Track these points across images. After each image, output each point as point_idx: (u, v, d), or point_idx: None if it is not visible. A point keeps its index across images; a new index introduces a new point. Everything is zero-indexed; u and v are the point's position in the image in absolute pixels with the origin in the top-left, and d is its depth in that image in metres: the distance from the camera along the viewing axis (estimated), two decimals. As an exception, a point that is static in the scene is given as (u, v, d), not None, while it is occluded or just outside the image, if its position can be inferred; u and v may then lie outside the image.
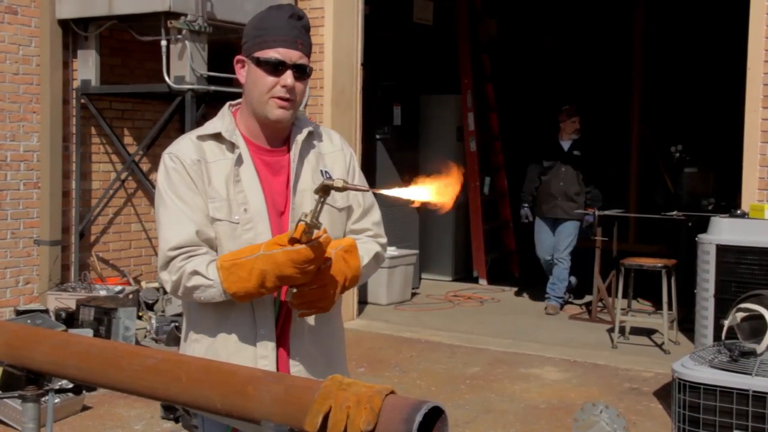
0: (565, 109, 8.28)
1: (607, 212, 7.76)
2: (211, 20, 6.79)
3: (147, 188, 7.75)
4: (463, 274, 10.04)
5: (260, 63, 2.12)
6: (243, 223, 2.13)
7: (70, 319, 6.20)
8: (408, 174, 9.60)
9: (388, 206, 9.17)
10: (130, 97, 7.75)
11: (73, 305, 6.44)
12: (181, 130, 7.83)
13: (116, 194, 7.76)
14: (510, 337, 7.22)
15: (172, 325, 6.69)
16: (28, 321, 5.01)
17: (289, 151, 2.22)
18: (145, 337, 6.78)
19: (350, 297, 7.81)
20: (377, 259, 2.28)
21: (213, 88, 6.87)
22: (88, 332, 5.71)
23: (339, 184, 1.88)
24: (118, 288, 7.06)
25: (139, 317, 6.88)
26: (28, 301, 7.00)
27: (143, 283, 7.65)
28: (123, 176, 7.73)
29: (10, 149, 6.93)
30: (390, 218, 9.22)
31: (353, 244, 2.16)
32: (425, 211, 9.89)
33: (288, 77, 2.11)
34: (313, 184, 2.14)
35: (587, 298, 8.20)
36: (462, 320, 7.94)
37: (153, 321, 6.83)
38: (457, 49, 10.05)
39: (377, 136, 9.18)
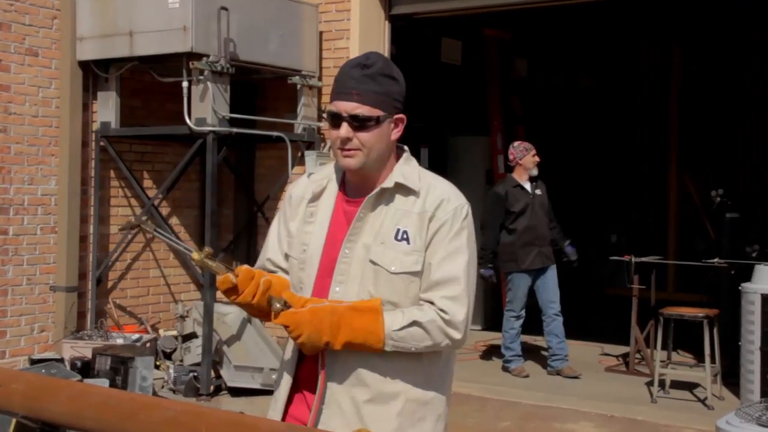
0: (521, 143, 7.66)
1: (644, 259, 7.70)
2: (234, 61, 6.89)
3: (167, 233, 7.80)
4: (493, 322, 9.96)
5: (327, 116, 2.32)
6: (299, 262, 2.35)
7: (85, 369, 6.22)
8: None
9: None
10: (150, 140, 7.86)
11: (89, 354, 6.46)
12: (202, 173, 7.91)
13: (135, 239, 7.83)
14: (543, 389, 7.14)
15: (191, 374, 6.70)
16: (43, 370, 5.04)
17: None
18: (163, 387, 6.79)
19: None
20: (425, 328, 2.23)
21: (235, 130, 6.95)
22: (105, 382, 5.72)
23: (144, 224, 2.28)
24: (136, 336, 7.09)
25: (157, 367, 6.90)
26: (42, 350, 7.04)
27: (161, 331, 7.67)
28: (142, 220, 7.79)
29: (27, 193, 7.04)
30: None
31: (373, 306, 2.22)
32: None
33: (342, 129, 2.24)
34: (374, 239, 2.26)
35: (624, 349, 8.10)
36: (492, 371, 7.86)
37: (171, 371, 6.85)
38: (487, 89, 10.12)
39: (404, 179, 9.20)
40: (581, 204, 11.76)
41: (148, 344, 6.96)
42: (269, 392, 6.82)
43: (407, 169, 2.33)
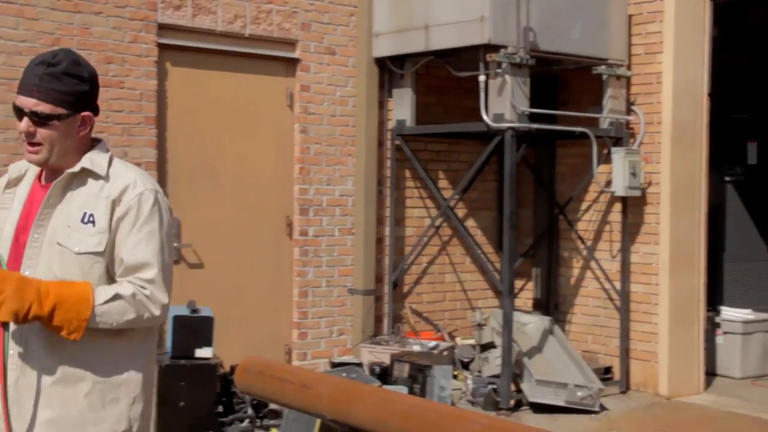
0: None
1: None
2: (534, 52, 6.92)
3: (463, 235, 8.03)
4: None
5: (13, 109, 2.56)
6: None
7: (384, 375, 6.55)
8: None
9: (743, 261, 8.68)
10: (446, 137, 8.10)
11: (386, 359, 6.79)
12: (500, 172, 8.04)
13: (430, 242, 8.11)
14: None
15: (490, 387, 6.83)
16: (344, 374, 5.37)
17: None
18: (461, 399, 6.97)
19: (695, 367, 7.49)
20: (128, 300, 2.49)
21: (535, 126, 6.98)
22: (403, 390, 5.98)
23: None
24: (432, 343, 7.34)
25: (454, 376, 7.10)
26: (341, 353, 7.49)
27: (458, 340, 7.89)
28: (437, 222, 8.07)
29: (326, 194, 7.54)
30: (743, 274, 8.73)
31: (84, 282, 2.48)
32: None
33: (23, 123, 2.52)
34: (62, 223, 2.53)
35: None
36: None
37: (469, 381, 7.02)
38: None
39: (727, 178, 8.76)
40: None
41: (445, 352, 7.18)
42: (574, 410, 6.80)
43: (97, 157, 2.60)
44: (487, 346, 7.36)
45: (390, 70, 7.73)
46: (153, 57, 6.62)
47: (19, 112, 2.53)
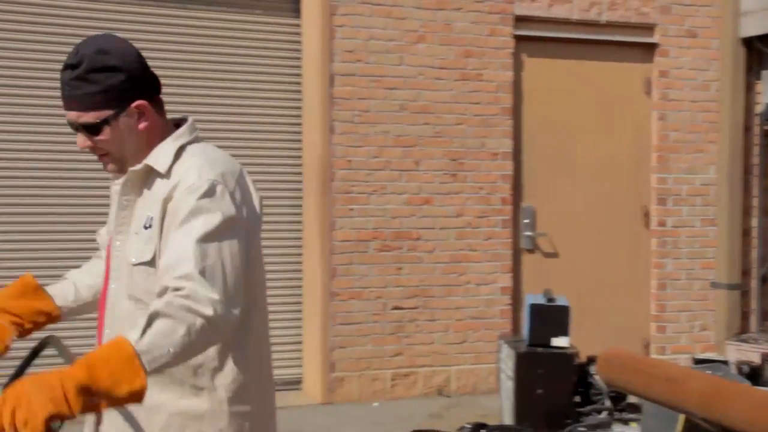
0: None
1: None
2: None
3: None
4: None
5: None
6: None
7: (753, 375, 6.14)
8: None
9: None
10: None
11: (755, 358, 6.37)
12: None
13: (804, 234, 7.50)
14: None
15: None
16: (708, 372, 5.10)
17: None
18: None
19: None
20: (167, 314, 1.91)
21: None
22: (775, 391, 5.58)
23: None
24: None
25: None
26: (703, 349, 7.16)
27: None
28: (812, 213, 7.45)
29: (686, 183, 7.23)
30: None
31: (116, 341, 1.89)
32: None
33: (79, 138, 2.18)
34: (134, 232, 2.17)
35: None
36: None
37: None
38: None
39: None
40: None
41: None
42: None
43: (162, 150, 2.19)
44: None
45: (759, 51, 7.25)
46: (509, 49, 6.71)
47: (73, 127, 2.18)
